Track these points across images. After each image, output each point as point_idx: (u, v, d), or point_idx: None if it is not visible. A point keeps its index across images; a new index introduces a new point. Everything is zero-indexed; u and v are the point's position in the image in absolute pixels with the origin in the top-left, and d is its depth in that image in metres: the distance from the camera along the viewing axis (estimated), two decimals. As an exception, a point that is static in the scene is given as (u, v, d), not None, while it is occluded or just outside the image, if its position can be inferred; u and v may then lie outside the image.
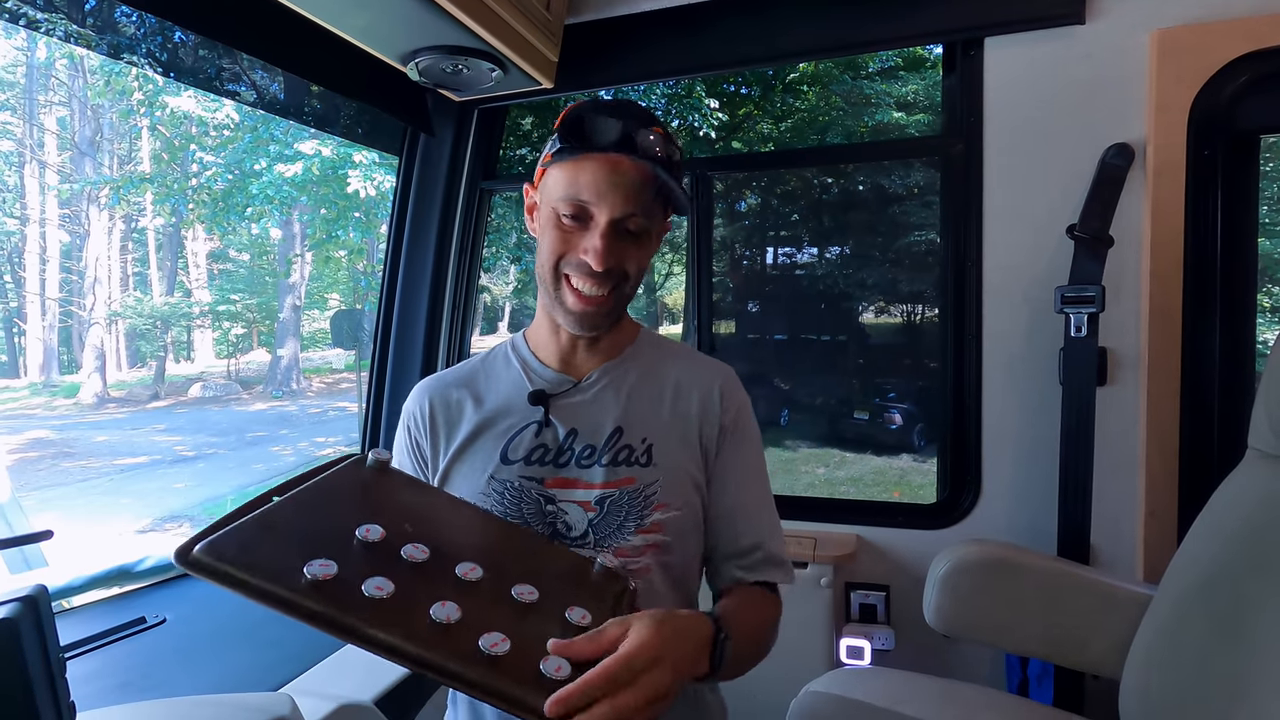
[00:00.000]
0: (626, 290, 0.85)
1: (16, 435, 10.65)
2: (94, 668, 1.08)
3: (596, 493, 0.83)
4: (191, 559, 0.55)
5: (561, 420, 0.86)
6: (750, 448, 0.91)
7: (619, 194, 0.78)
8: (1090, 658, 1.18)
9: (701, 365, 0.94)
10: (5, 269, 16.82)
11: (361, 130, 2.07)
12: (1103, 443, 1.31)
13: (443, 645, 0.55)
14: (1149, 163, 1.30)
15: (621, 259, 0.81)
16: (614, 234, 0.79)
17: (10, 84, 15.64)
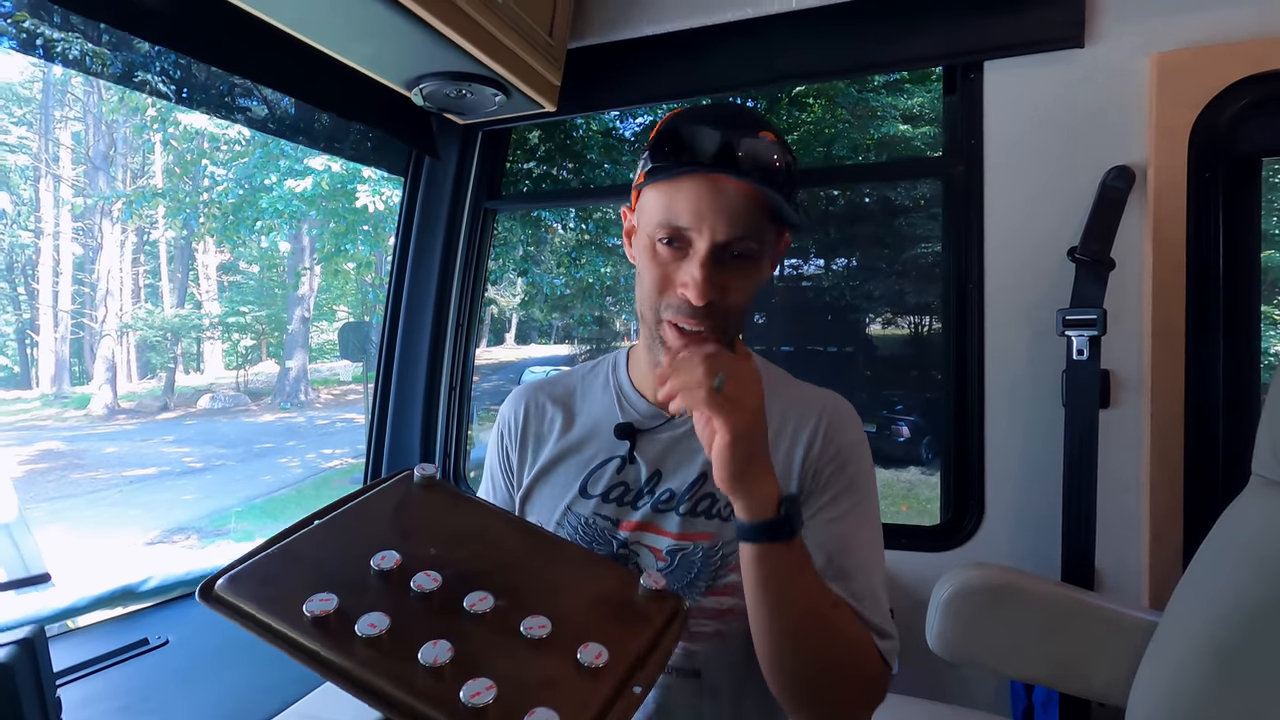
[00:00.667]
0: (733, 325, 0.73)
1: (27, 446, 10.74)
2: (96, 690, 1.08)
3: (669, 543, 0.76)
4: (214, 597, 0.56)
5: (646, 458, 0.80)
6: (853, 498, 0.77)
7: (721, 216, 0.68)
8: (1095, 685, 1.17)
9: (807, 398, 0.82)
10: (19, 281, 17.03)
11: (367, 151, 2.09)
12: (1106, 466, 1.30)
13: (425, 691, 0.52)
14: (1150, 185, 1.30)
15: (725, 290, 0.70)
16: (715, 262, 0.69)
17: (27, 99, 15.90)
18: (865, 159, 8.36)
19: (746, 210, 0.68)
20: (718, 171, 0.68)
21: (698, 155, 0.68)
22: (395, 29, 1.17)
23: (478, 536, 0.71)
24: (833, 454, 0.78)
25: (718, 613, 0.75)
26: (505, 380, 10.47)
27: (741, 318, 0.75)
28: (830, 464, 0.77)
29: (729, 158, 0.68)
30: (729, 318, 0.72)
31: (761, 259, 0.73)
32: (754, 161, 0.68)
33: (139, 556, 6.62)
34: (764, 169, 0.68)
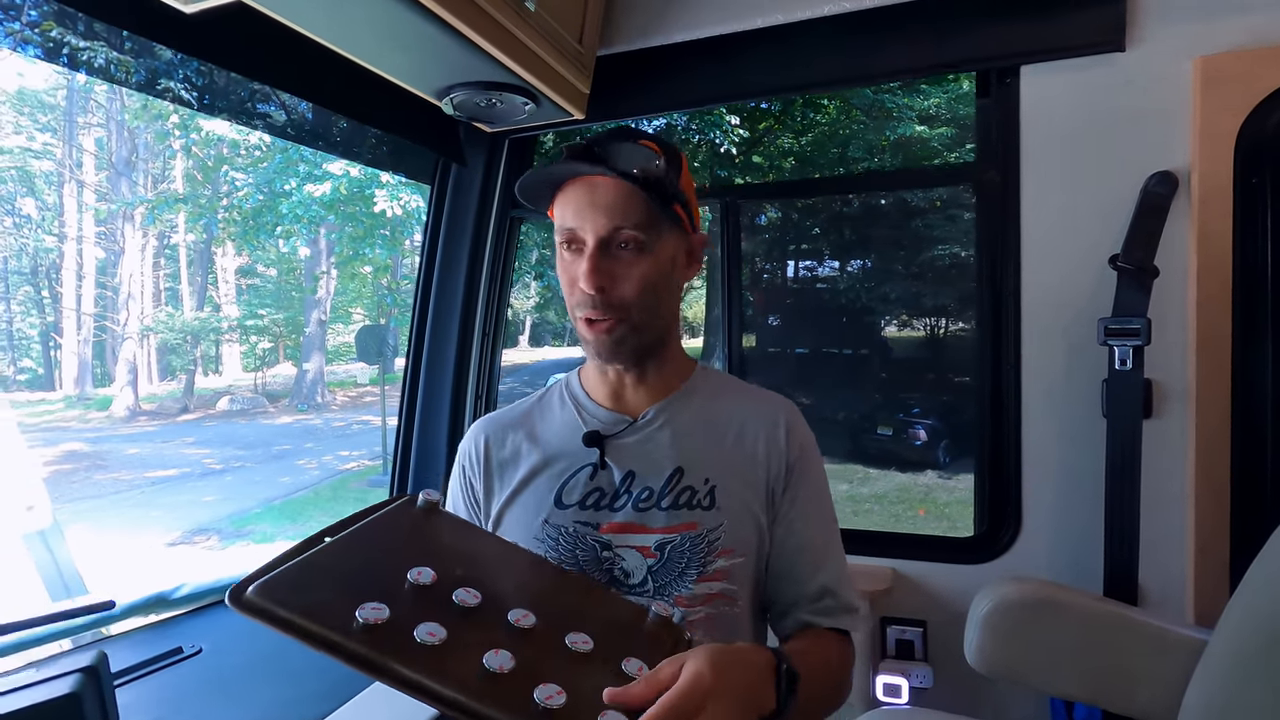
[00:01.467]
0: (635, 316, 0.80)
1: (52, 448, 10.90)
2: (131, 700, 1.08)
3: (656, 538, 0.80)
4: (245, 601, 0.57)
5: (617, 462, 0.83)
6: (816, 486, 0.87)
7: (598, 211, 0.76)
8: (1140, 704, 1.14)
9: (763, 400, 0.90)
10: (44, 285, 17.32)
11: (390, 156, 2.10)
12: (1148, 478, 1.27)
13: (495, 696, 0.53)
14: (1194, 191, 1.27)
15: (615, 278, 0.77)
16: (602, 253, 0.77)
17: (52, 106, 16.18)
18: (881, 160, 8.31)
19: (623, 203, 0.76)
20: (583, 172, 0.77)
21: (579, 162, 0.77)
22: (428, 39, 1.17)
23: (496, 560, 0.74)
24: (799, 453, 0.86)
25: (708, 597, 0.79)
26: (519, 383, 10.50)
27: (649, 312, 0.81)
28: (798, 462, 0.85)
29: (602, 159, 0.76)
30: (629, 307, 0.79)
31: (651, 249, 0.79)
32: (619, 158, 0.76)
33: (164, 559, 6.70)
34: (629, 164, 0.76)
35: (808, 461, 0.86)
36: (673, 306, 0.86)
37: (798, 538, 0.83)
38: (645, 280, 0.78)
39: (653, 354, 0.85)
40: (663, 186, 0.77)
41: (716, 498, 0.81)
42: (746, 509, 0.82)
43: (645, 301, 0.79)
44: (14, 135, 15.95)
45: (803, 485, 0.85)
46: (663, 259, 0.80)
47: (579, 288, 0.78)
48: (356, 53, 1.23)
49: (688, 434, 0.84)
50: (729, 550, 0.80)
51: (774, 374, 8.39)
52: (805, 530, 0.84)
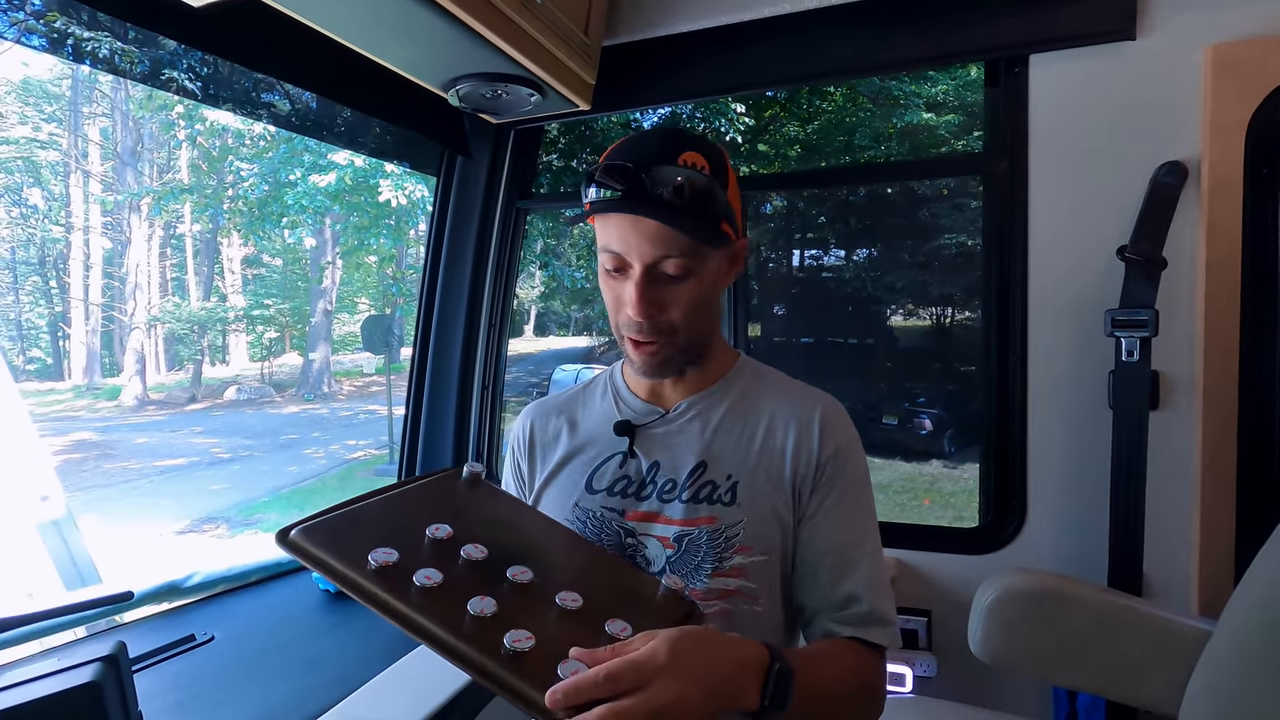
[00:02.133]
0: (681, 335, 0.80)
1: (62, 437, 11.00)
2: (147, 687, 1.10)
3: (675, 529, 0.80)
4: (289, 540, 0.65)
5: (645, 452, 0.85)
6: (853, 488, 0.82)
7: (645, 243, 0.75)
8: (1144, 693, 1.15)
9: (800, 395, 0.87)
10: (51, 275, 17.40)
11: (395, 147, 2.10)
12: (1155, 469, 1.27)
13: (471, 637, 0.58)
14: (1204, 182, 1.26)
15: (663, 305, 0.78)
16: (650, 281, 0.76)
17: (57, 96, 16.19)
18: (888, 148, 8.25)
19: (667, 235, 0.74)
20: (625, 211, 0.74)
21: (615, 195, 0.75)
22: (434, 31, 1.17)
23: (517, 525, 0.79)
24: (832, 452, 0.82)
25: (724, 593, 0.78)
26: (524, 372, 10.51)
27: (696, 329, 0.81)
28: (831, 461, 0.81)
29: (638, 194, 0.74)
30: (675, 331, 0.79)
31: (697, 273, 0.78)
32: (662, 185, 0.73)
33: (173, 547, 6.76)
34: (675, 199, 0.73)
35: (843, 461, 0.82)
36: (717, 312, 0.86)
37: (824, 540, 0.80)
38: (692, 304, 0.78)
39: (696, 359, 0.86)
40: (710, 208, 0.75)
41: (738, 494, 0.80)
42: (769, 507, 0.80)
43: (691, 323, 0.80)
44: (19, 126, 15.97)
45: (834, 486, 0.81)
46: (711, 275, 0.80)
47: (626, 312, 0.78)
48: (363, 45, 1.23)
49: (716, 428, 0.84)
50: (747, 548, 0.79)
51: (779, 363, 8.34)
52: (833, 533, 0.80)
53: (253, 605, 1.47)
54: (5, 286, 16.87)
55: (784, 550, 0.81)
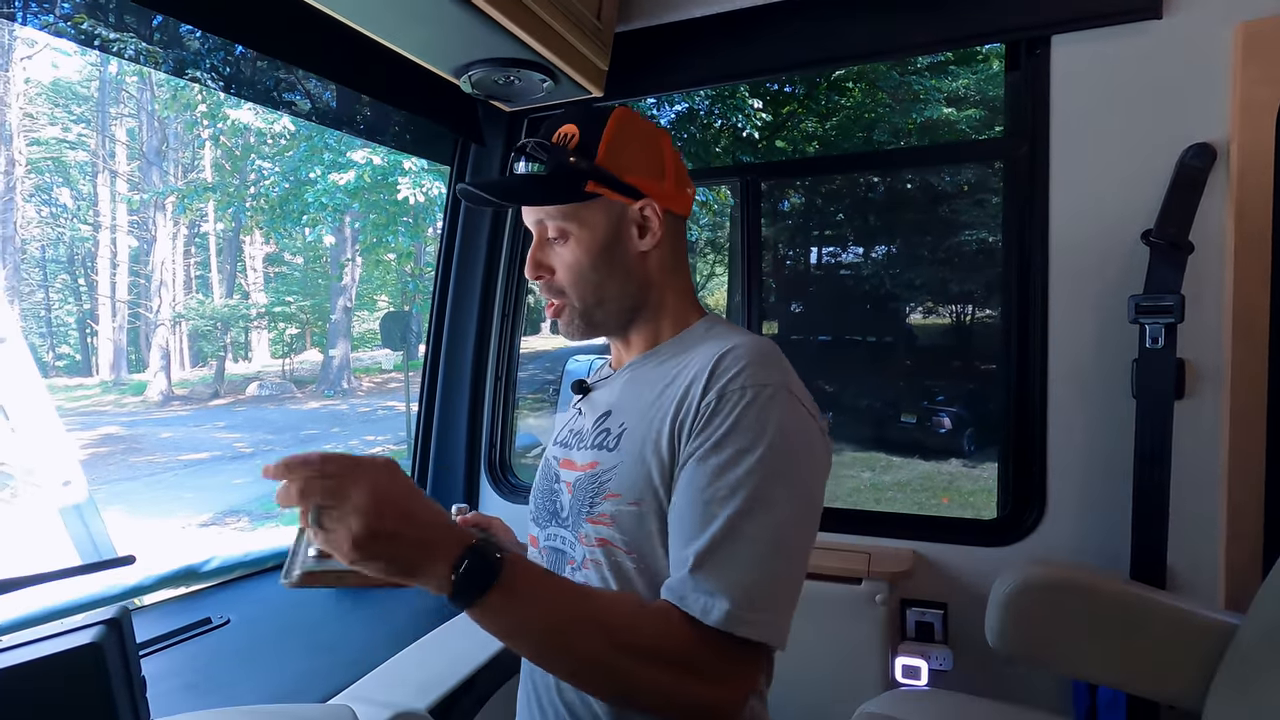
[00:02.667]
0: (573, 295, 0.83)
1: (90, 431, 11.23)
2: (162, 667, 1.12)
3: (574, 475, 0.83)
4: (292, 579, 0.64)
5: (590, 409, 0.89)
6: (732, 439, 0.69)
7: (526, 214, 0.85)
8: (1167, 688, 1.12)
9: (723, 342, 0.77)
10: (80, 273, 17.77)
11: (411, 140, 2.11)
12: (1179, 459, 1.24)
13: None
14: (1232, 164, 1.22)
15: (550, 266, 0.84)
16: (539, 246, 0.84)
17: (85, 98, 16.52)
18: (908, 143, 8.16)
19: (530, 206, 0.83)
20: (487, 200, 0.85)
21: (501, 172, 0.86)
22: (446, 15, 1.17)
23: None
24: (714, 397, 0.71)
25: (597, 541, 0.77)
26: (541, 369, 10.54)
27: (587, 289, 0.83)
28: (710, 406, 0.71)
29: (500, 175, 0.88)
30: (565, 292, 0.83)
31: (585, 231, 0.81)
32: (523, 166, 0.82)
33: (196, 539, 6.88)
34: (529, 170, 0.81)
35: (727, 406, 0.70)
36: (636, 274, 0.83)
37: (681, 495, 0.70)
38: (573, 264, 0.82)
39: (628, 321, 0.87)
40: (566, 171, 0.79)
41: (622, 440, 0.79)
42: (641, 457, 0.75)
43: (578, 282, 0.83)
44: (50, 127, 16.33)
45: (707, 434, 0.70)
46: (595, 236, 0.81)
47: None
48: (376, 30, 1.23)
49: (633, 381, 0.85)
50: (616, 495, 0.76)
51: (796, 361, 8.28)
52: (693, 485, 0.69)
53: (268, 590, 1.49)
54: (36, 284, 17.27)
55: (658, 505, 0.73)
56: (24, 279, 16.52)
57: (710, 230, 10.40)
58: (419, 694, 1.08)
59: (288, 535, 1.73)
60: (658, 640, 0.64)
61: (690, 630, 0.64)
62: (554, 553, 0.84)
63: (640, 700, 0.65)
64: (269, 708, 0.95)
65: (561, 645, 0.63)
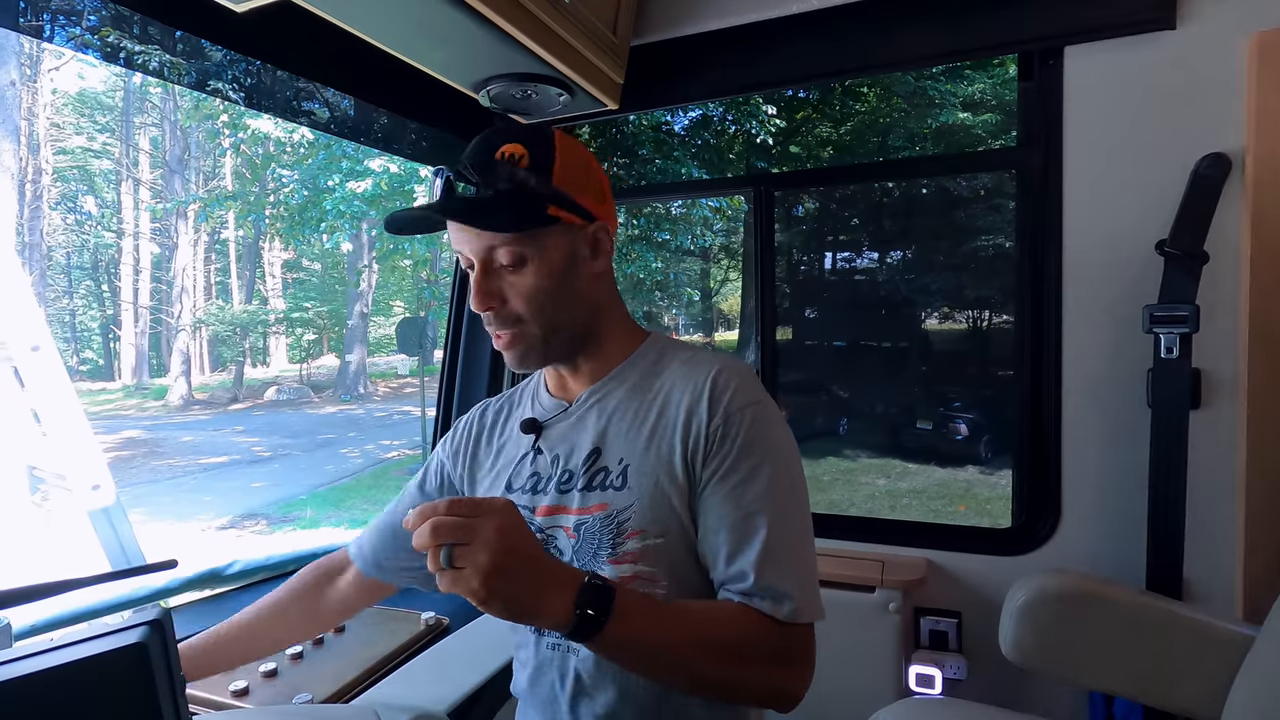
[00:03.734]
0: (531, 324, 0.79)
1: (112, 434, 11.42)
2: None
3: (574, 519, 0.80)
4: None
5: (549, 447, 0.85)
6: (748, 456, 0.75)
7: (465, 244, 0.78)
8: (1184, 700, 1.12)
9: (696, 367, 0.81)
10: (103, 279, 18.10)
11: (428, 149, 2.14)
12: (1195, 469, 1.24)
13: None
14: (1248, 174, 1.22)
15: (503, 295, 0.78)
16: (485, 274, 0.78)
17: (110, 107, 16.87)
18: (923, 148, 8.12)
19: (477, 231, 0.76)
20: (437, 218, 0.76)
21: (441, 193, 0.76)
22: (465, 33, 1.19)
23: None
24: (721, 419, 0.76)
25: (623, 580, 0.76)
26: (556, 375, 10.58)
27: (545, 316, 0.79)
28: (720, 429, 0.76)
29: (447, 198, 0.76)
30: (521, 320, 0.79)
31: (533, 260, 0.77)
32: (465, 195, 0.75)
33: (216, 542, 6.97)
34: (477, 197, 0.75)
35: (735, 427, 0.76)
36: (589, 299, 0.83)
37: (715, 514, 0.75)
38: (533, 291, 0.78)
39: (579, 348, 0.84)
40: (526, 194, 0.76)
41: (629, 477, 0.78)
42: (659, 488, 0.77)
43: (538, 311, 0.78)
44: (75, 136, 16.68)
45: (724, 456, 0.75)
46: (553, 261, 0.78)
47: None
48: (396, 47, 1.26)
49: (612, 414, 0.82)
50: (639, 531, 0.76)
51: (812, 367, 8.29)
52: (724, 506, 0.75)
53: (290, 593, 1.52)
54: (61, 290, 17.62)
55: (683, 531, 0.77)
56: (50, 285, 16.85)
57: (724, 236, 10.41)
58: (437, 696, 1.10)
59: (305, 539, 1.76)
60: (750, 641, 0.70)
61: (770, 627, 0.71)
62: None
63: (740, 694, 0.73)
64: (295, 708, 0.97)
65: (673, 662, 0.68)
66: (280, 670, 1.11)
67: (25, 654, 0.44)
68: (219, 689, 1.05)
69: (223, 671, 0.92)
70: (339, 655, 1.18)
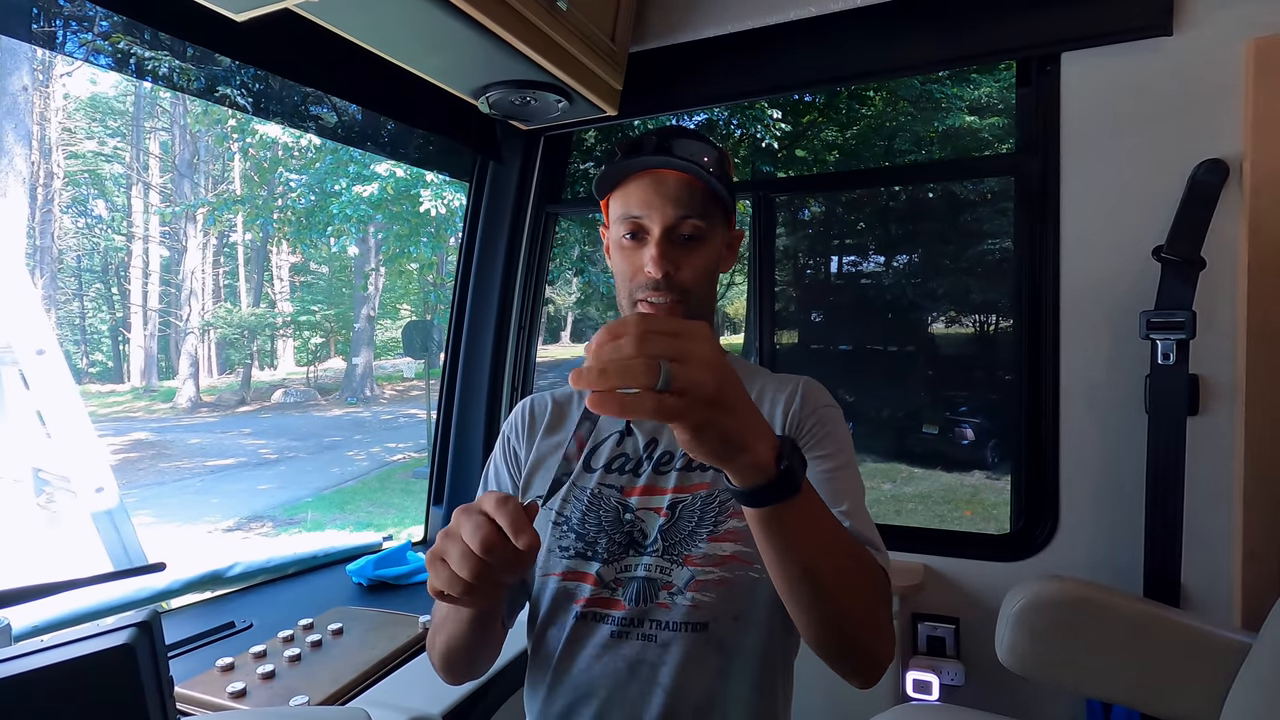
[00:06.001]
0: (693, 300, 0.84)
1: (121, 436, 11.50)
2: (186, 670, 1.16)
3: (669, 498, 0.82)
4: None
5: (642, 430, 0.88)
6: (834, 446, 0.82)
7: (667, 201, 0.81)
8: (1181, 707, 1.11)
9: (785, 378, 0.92)
10: (113, 282, 18.25)
11: (432, 156, 2.16)
12: (1193, 476, 1.23)
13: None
14: (1245, 180, 1.22)
15: (680, 265, 0.82)
16: (669, 241, 0.81)
17: (121, 112, 17.02)
18: (929, 152, 8.11)
19: (687, 196, 0.81)
20: (657, 166, 0.81)
21: (640, 156, 0.82)
22: (464, 41, 1.21)
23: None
24: (810, 411, 0.85)
25: (721, 559, 0.78)
26: (561, 378, 10.60)
27: (704, 299, 0.85)
28: (809, 419, 0.84)
29: (665, 151, 0.81)
30: (689, 291, 0.83)
31: (709, 238, 0.84)
32: (685, 151, 0.81)
33: (221, 544, 7.01)
34: (695, 160, 0.81)
35: (825, 420, 0.85)
36: (715, 297, 0.90)
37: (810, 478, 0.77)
38: (705, 267, 0.84)
39: None
40: (725, 181, 0.83)
41: None
42: None
43: (703, 288, 0.84)
44: (87, 141, 16.84)
45: (813, 437, 0.83)
46: (715, 248, 0.86)
47: (644, 273, 0.82)
48: (396, 55, 1.28)
49: None
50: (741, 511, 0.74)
51: (816, 371, 8.22)
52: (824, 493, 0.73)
53: (290, 595, 1.53)
54: (71, 293, 17.77)
55: None
56: (60, 288, 17.01)
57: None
58: (433, 699, 1.11)
59: (309, 541, 1.77)
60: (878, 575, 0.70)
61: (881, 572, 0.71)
62: (635, 583, 0.80)
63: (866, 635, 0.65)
64: (286, 710, 0.98)
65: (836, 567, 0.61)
66: (278, 672, 1.12)
67: (11, 655, 0.45)
68: (217, 690, 1.06)
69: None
70: (337, 658, 1.18)
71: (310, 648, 1.21)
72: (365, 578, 1.57)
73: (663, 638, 0.78)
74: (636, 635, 0.79)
